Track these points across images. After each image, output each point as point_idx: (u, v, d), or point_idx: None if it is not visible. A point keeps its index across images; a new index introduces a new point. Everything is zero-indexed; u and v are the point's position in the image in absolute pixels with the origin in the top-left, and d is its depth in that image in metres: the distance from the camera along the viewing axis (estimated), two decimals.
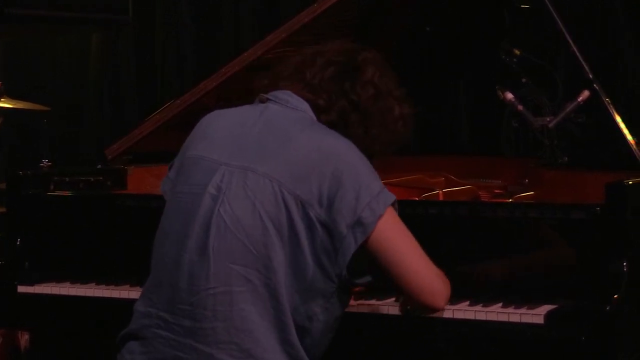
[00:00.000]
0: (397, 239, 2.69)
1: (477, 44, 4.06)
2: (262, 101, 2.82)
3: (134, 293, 3.23)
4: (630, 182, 3.10)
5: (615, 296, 2.87)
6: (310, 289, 2.65)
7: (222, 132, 2.77)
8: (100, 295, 3.42)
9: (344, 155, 2.67)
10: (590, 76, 3.54)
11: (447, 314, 2.93)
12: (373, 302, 3.04)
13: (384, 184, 2.72)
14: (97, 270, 3.53)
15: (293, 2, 5.24)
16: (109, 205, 3.64)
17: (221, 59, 5.56)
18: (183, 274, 2.66)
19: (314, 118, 2.77)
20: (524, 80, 3.82)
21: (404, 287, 2.71)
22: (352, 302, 2.94)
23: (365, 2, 3.68)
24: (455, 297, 2.93)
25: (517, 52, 3.90)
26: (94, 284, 3.47)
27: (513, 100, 3.66)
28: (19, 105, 5.02)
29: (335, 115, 2.77)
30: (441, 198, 3.62)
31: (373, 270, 2.74)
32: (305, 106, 2.77)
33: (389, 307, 3.00)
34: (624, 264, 2.93)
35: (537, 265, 3.06)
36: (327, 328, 2.72)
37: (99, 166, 3.90)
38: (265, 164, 2.67)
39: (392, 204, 2.68)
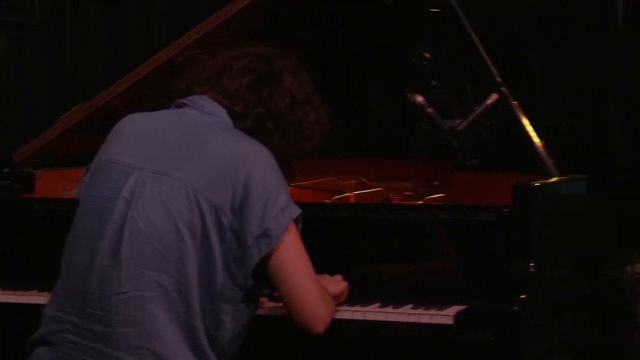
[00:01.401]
0: (294, 257, 2.68)
1: (388, 47, 4.09)
2: (179, 106, 2.80)
3: (42, 298, 3.19)
4: (537, 184, 3.16)
5: (522, 296, 2.93)
6: (219, 295, 2.65)
7: (137, 137, 2.75)
8: (6, 300, 3.37)
9: (255, 163, 2.66)
10: (498, 79, 3.60)
11: (359, 316, 2.95)
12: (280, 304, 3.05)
13: (295, 186, 2.73)
14: (4, 275, 3.48)
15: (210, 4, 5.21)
16: (15, 209, 3.58)
17: (133, 60, 5.51)
18: (94, 278, 2.64)
19: (230, 124, 2.76)
20: (433, 83, 3.86)
21: (287, 304, 2.69)
22: (263, 305, 2.94)
23: (277, 6, 3.69)
24: (366, 299, 2.95)
25: (426, 55, 3.94)
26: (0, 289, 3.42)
27: (423, 103, 3.69)
28: None
29: (251, 122, 2.77)
30: (352, 200, 3.64)
31: None
32: (221, 112, 2.76)
33: None
34: (531, 264, 2.98)
35: (447, 267, 3.09)
36: (235, 335, 2.71)
37: (6, 170, 3.84)
38: (180, 169, 2.65)
39: (296, 219, 2.69)
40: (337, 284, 2.97)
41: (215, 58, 2.85)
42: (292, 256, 2.67)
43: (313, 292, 2.69)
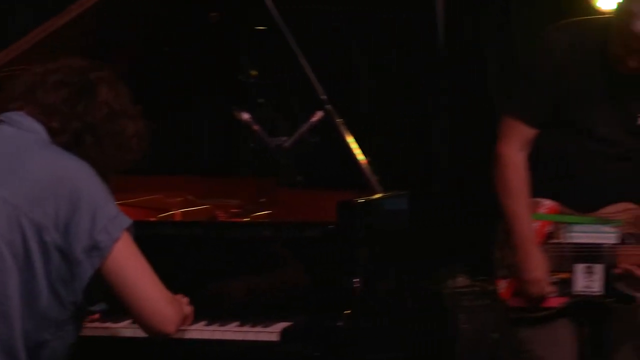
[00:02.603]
0: (131, 264, 2.66)
1: (215, 65, 4.09)
2: None
3: None
4: (361, 200, 3.21)
5: (347, 311, 2.96)
6: (43, 316, 2.59)
7: None
8: None
9: (79, 177, 2.63)
10: (323, 97, 3.64)
11: (184, 334, 2.93)
12: (108, 324, 3.00)
13: (121, 204, 2.70)
14: None
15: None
16: None
17: None
18: None
19: (49, 140, 2.71)
20: (260, 100, 3.88)
21: (135, 312, 2.68)
22: (87, 324, 2.90)
23: (100, 23, 3.64)
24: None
25: (253, 73, 3.96)
26: None
27: (249, 120, 3.71)
28: None
29: (69, 136, 2.72)
30: (178, 218, 3.62)
31: (108, 297, 2.70)
32: (39, 128, 2.71)
33: (125, 329, 2.97)
34: (356, 280, 3.03)
35: (274, 283, 3.11)
36: (59, 355, 2.66)
37: None
38: (0, 187, 2.59)
39: (128, 228, 2.66)
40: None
41: (28, 73, 2.80)
42: (129, 264, 2.64)
43: (156, 295, 2.67)
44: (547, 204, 3.22)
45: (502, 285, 3.26)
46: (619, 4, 3.05)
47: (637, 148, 3.17)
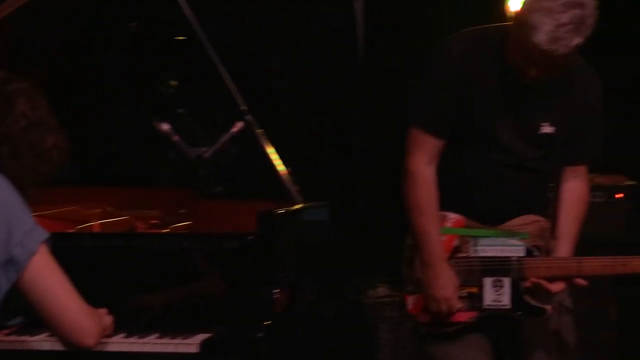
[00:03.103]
0: (49, 278, 2.63)
1: (135, 74, 4.07)
2: None
3: None
4: (281, 211, 3.21)
5: (267, 322, 2.96)
6: None
7: None
8: None
9: None
10: (243, 108, 3.64)
11: (103, 347, 2.90)
12: (25, 338, 2.96)
13: (38, 216, 2.66)
14: None
15: None
16: None
17: None
18: None
19: None
20: (180, 111, 3.86)
21: (53, 326, 2.64)
22: (3, 339, 2.85)
23: (17, 33, 3.59)
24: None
25: (173, 83, 3.94)
26: None
27: (169, 131, 3.68)
28: None
29: None
30: (97, 230, 3.58)
31: (26, 310, 2.66)
32: None
33: (43, 342, 2.93)
34: (276, 290, 3.02)
35: (194, 295, 3.09)
36: None
37: None
38: None
39: (45, 241, 2.63)
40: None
41: None
42: (46, 277, 2.60)
43: (75, 307, 2.64)
44: (453, 217, 3.20)
45: (411, 301, 3.23)
46: (518, 15, 3.06)
47: (540, 158, 3.18)
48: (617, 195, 4.66)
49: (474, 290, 3.16)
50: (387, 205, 5.22)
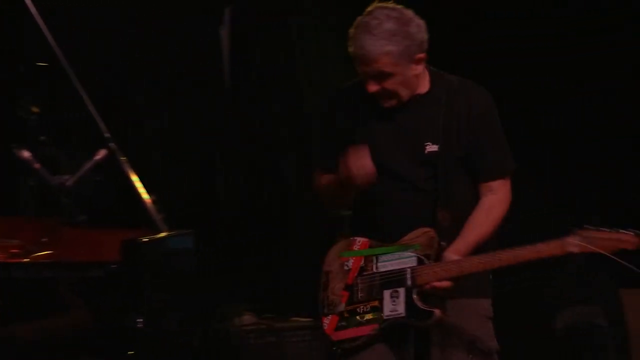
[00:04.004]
0: None
1: None
2: None
3: None
4: (145, 239, 3.18)
5: (131, 352, 2.92)
6: None
7: None
8: None
9: None
10: (106, 135, 3.60)
11: None
12: None
13: None
14: None
15: None
16: None
17: None
18: None
19: None
20: (41, 138, 3.79)
21: None
22: None
23: None
24: None
25: (34, 109, 3.87)
26: None
27: (29, 158, 3.61)
28: None
29: None
30: None
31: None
32: None
33: None
34: (139, 320, 2.99)
35: (56, 324, 3.04)
36: None
37: None
38: None
39: None
40: None
41: None
42: None
43: None
44: (359, 240, 3.40)
45: (326, 322, 3.39)
46: None
47: (430, 177, 3.34)
48: None
49: (376, 303, 3.31)
50: (251, 233, 5.24)
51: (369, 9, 3.27)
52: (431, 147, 3.31)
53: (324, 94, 5.24)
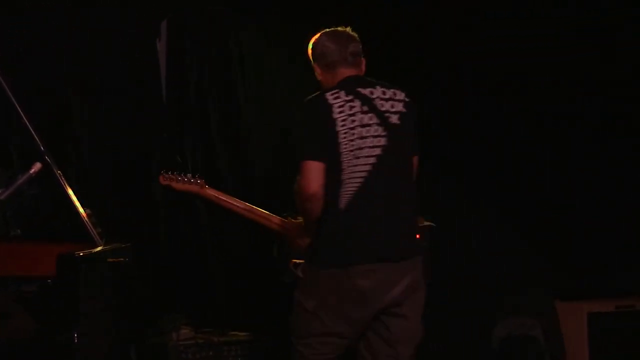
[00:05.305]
0: None
1: None
2: None
3: None
4: (81, 254, 3.15)
5: None
6: None
7: None
8: None
9: None
10: (42, 148, 3.56)
11: None
12: None
13: None
14: None
15: None
16: None
17: None
18: None
19: None
20: None
21: None
22: None
23: None
24: None
25: None
26: None
27: None
28: None
29: None
30: None
31: None
32: None
33: None
34: (75, 334, 2.96)
35: None
36: None
37: None
38: None
39: None
40: None
41: None
42: None
43: None
44: None
45: None
46: None
47: None
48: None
49: None
50: (190, 246, 5.21)
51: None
52: None
53: (261, 110, 5.26)
